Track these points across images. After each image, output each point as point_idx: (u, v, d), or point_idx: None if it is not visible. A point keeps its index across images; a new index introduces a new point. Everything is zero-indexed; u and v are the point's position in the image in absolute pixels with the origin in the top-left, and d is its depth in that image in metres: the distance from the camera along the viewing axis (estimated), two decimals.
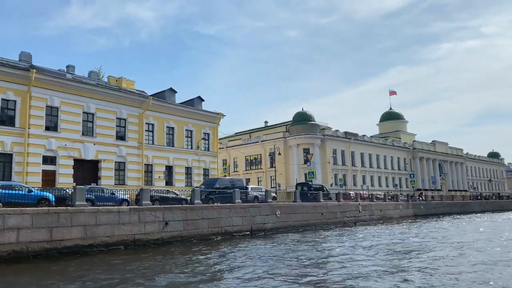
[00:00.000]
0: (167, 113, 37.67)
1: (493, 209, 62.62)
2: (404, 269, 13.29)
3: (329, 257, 16.11)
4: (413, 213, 45.09)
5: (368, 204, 37.94)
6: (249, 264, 14.42)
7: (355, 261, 14.86)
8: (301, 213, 28.74)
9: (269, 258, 15.67)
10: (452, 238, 22.35)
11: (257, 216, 25.00)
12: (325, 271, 13.11)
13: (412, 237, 23.25)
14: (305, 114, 60.63)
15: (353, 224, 34.26)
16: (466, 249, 17.76)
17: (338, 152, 61.98)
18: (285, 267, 13.79)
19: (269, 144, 59.09)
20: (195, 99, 41.62)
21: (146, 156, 35.37)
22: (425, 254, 16.53)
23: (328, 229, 29.05)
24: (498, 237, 22.70)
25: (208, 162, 40.95)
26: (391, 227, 31.48)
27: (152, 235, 19.03)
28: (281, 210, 26.95)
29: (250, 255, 16.65)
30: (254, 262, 14.92)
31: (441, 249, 17.91)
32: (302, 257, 15.85)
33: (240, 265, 14.36)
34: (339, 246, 19.25)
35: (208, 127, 41.61)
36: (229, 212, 23.14)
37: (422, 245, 19.66)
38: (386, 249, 18.24)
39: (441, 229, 29.87)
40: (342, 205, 33.79)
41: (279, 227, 26.49)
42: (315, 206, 30.42)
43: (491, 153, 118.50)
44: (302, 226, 28.47)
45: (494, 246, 18.87)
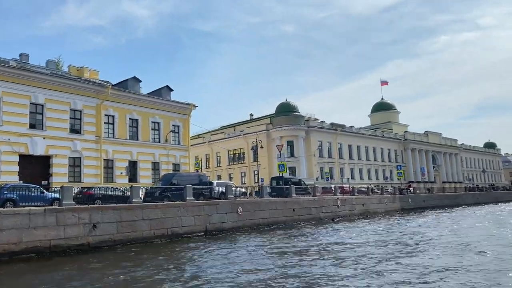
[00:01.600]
0: (130, 104, 34.78)
1: (487, 201, 60.04)
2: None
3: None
4: (400, 207, 42.41)
5: (349, 198, 35.20)
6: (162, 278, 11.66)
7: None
8: (268, 209, 25.99)
9: (201, 270, 12.93)
10: (401, 238, 19.48)
11: (214, 215, 22.24)
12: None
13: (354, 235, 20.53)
14: (289, 105, 57.77)
15: (330, 220, 31.56)
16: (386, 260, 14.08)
17: (324, 144, 59.19)
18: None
19: (252, 137, 56.16)
20: (163, 89, 38.73)
21: (106, 150, 32.54)
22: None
23: (298, 227, 26.33)
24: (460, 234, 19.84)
25: (178, 157, 38.12)
26: (367, 224, 28.80)
27: (75, 240, 16.25)
28: (243, 207, 24.20)
29: (178, 263, 13.91)
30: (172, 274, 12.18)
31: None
32: (234, 267, 13.12)
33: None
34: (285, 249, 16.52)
35: (178, 119, 38.74)
36: (177, 211, 20.37)
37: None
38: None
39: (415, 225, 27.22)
40: (317, 200, 31.06)
41: (241, 226, 23.75)
42: (285, 201, 27.67)
43: (487, 143, 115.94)
44: (269, 224, 25.74)
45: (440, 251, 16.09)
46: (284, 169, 31.99)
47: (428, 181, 75.14)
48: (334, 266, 12.74)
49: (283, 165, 31.94)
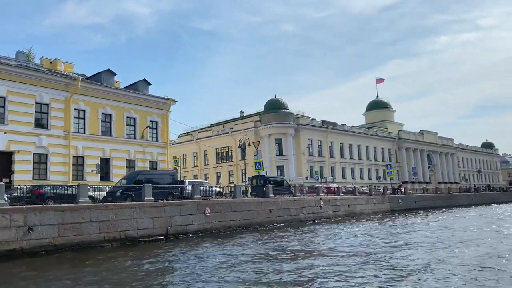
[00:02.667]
0: (102, 98, 32.93)
1: (482, 202, 58.18)
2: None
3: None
4: (389, 208, 40.59)
5: (333, 198, 33.40)
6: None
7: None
8: (241, 211, 24.17)
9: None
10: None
11: (177, 217, 20.43)
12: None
13: None
14: (278, 102, 55.97)
15: (312, 222, 29.76)
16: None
17: (314, 143, 57.41)
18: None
19: (240, 135, 54.21)
20: (140, 83, 36.88)
21: (75, 146, 30.70)
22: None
23: (273, 230, 24.53)
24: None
25: (155, 154, 36.26)
26: (349, 226, 27.00)
27: (5, 245, 14.44)
28: (212, 208, 22.38)
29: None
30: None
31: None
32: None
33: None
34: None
35: (156, 114, 36.90)
36: (133, 212, 18.56)
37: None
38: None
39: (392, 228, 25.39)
40: (298, 200, 29.25)
41: (209, 228, 21.94)
42: (260, 202, 25.85)
43: (485, 143, 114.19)
44: (242, 226, 23.93)
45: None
46: (261, 167, 30.16)
47: (423, 181, 73.37)
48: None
49: (259, 163, 30.12)
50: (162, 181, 24.49)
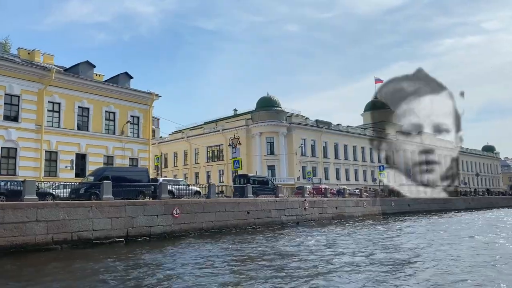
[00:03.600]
0: (79, 91, 31.42)
1: (479, 207, 56.45)
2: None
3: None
4: (381, 210, 38.94)
5: (319, 200, 31.79)
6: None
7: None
8: (214, 212, 22.59)
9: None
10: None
11: (139, 217, 18.87)
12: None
13: None
14: (270, 100, 54.37)
15: (295, 224, 28.16)
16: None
17: (307, 142, 55.76)
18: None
19: (231, 133, 52.78)
20: (121, 76, 35.36)
21: (48, 141, 29.20)
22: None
23: (249, 233, 22.95)
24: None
25: (136, 151, 34.71)
26: (331, 230, 25.39)
27: None
28: (182, 209, 20.82)
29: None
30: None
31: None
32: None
33: None
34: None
35: (138, 109, 35.34)
36: (88, 212, 17.00)
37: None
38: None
39: None
40: (280, 201, 27.64)
41: (177, 231, 20.38)
42: (237, 203, 24.25)
43: (486, 146, 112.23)
44: (215, 228, 22.35)
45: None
46: (239, 165, 28.53)
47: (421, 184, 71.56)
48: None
49: (238, 161, 28.48)
50: (132, 179, 22.95)
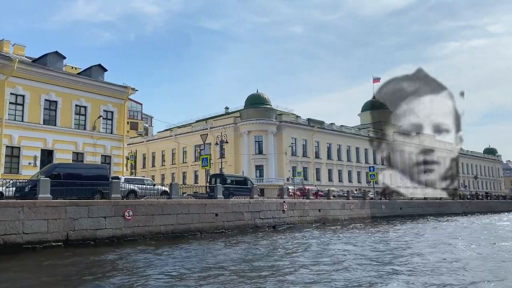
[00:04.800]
0: (46, 83, 29.51)
1: (478, 211, 54.14)
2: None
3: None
4: (370, 214, 36.80)
5: (300, 202, 29.71)
6: None
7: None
8: (176, 214, 20.59)
9: None
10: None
11: (83, 219, 16.89)
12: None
13: None
14: (259, 97, 52.36)
15: (272, 228, 26.12)
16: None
17: (298, 142, 53.73)
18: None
19: (218, 131, 50.82)
20: (94, 68, 33.43)
21: (9, 135, 27.31)
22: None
23: (213, 238, 20.95)
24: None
25: (109, 148, 32.77)
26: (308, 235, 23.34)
27: None
28: (135, 210, 18.83)
29: None
30: None
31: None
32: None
33: None
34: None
35: (112, 103, 33.40)
36: (18, 212, 15.05)
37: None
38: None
39: None
40: (254, 203, 25.58)
41: (129, 234, 18.39)
42: (203, 204, 22.22)
43: (487, 149, 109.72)
44: (176, 232, 20.36)
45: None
46: (208, 164, 26.51)
47: (419, 187, 69.28)
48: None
49: (206, 158, 26.43)
50: (89, 177, 20.96)
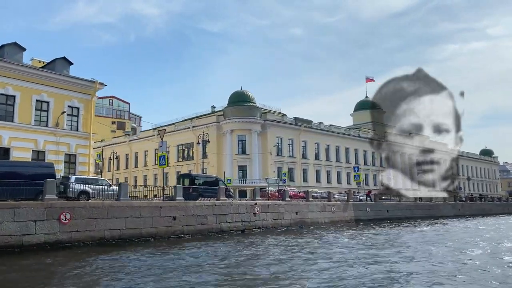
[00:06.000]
0: (3, 76, 27.47)
1: (470, 213, 52.13)
2: None
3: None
4: (354, 217, 34.80)
5: (274, 204, 27.69)
6: None
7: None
8: (124, 217, 18.59)
9: None
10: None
11: (6, 223, 14.94)
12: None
13: None
14: (243, 94, 50.41)
15: (240, 232, 24.11)
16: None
17: (284, 142, 51.76)
18: None
19: (201, 130, 48.89)
20: (58, 61, 31.42)
21: None
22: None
23: (168, 243, 18.95)
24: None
25: (74, 146, 30.73)
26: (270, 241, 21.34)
27: None
28: (74, 213, 16.82)
29: None
30: None
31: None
32: None
33: None
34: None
35: (77, 99, 31.40)
36: None
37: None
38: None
39: None
40: (220, 205, 23.56)
41: (65, 240, 16.41)
42: (158, 207, 20.20)
43: (484, 150, 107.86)
44: (125, 237, 18.38)
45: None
46: (165, 162, 24.53)
47: (411, 189, 67.26)
48: None
49: (163, 156, 24.48)
50: (31, 176, 18.97)
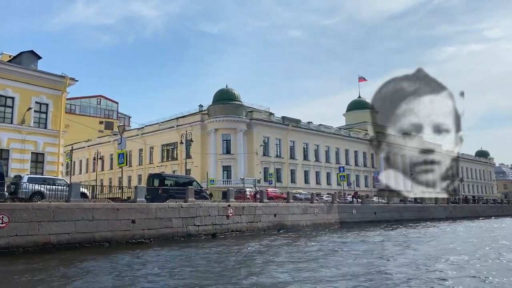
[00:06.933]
0: None
1: (462, 216, 50.67)
2: None
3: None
4: (338, 219, 33.26)
5: (250, 206, 26.10)
6: None
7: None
8: (74, 220, 16.98)
9: None
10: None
11: None
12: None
13: None
14: (228, 92, 48.84)
15: (210, 236, 22.53)
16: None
17: (271, 141, 50.18)
18: None
19: (185, 129, 47.31)
20: (25, 55, 29.78)
21: None
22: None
23: (123, 249, 17.35)
24: None
25: (42, 145, 29.07)
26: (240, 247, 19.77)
27: None
28: (13, 216, 15.21)
29: None
30: None
31: None
32: None
33: None
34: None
35: (46, 94, 29.74)
36: None
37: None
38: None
39: None
40: (188, 207, 21.96)
41: (2, 245, 14.82)
42: (115, 209, 18.59)
43: (479, 151, 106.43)
44: (73, 242, 16.76)
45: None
46: (124, 161, 22.92)
47: (404, 190, 65.79)
48: None
49: (123, 154, 22.86)
50: None
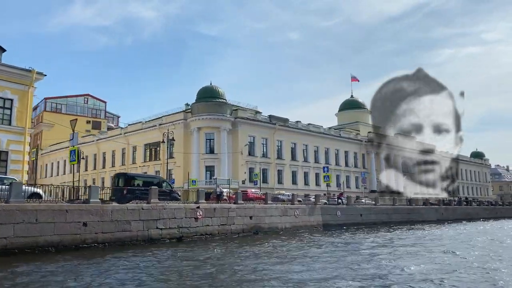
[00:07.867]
0: None
1: (454, 218, 49.17)
2: None
3: None
4: (321, 221, 31.70)
5: (222, 207, 24.48)
6: None
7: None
8: (13, 223, 15.36)
9: None
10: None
11: None
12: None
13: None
14: (212, 90, 47.27)
15: (176, 240, 20.93)
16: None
17: (257, 141, 48.66)
18: None
19: (167, 128, 45.65)
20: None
21: None
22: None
23: (72, 255, 15.72)
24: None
25: (5, 142, 27.38)
26: None
27: None
28: None
29: None
30: None
31: None
32: None
33: None
34: None
35: (11, 89, 28.05)
36: None
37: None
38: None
39: None
40: (150, 209, 20.34)
41: None
42: (64, 211, 16.96)
43: (474, 152, 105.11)
44: (11, 248, 15.14)
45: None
46: (75, 159, 21.29)
47: (396, 192, 64.27)
48: None
49: (74, 151, 21.25)
50: None
